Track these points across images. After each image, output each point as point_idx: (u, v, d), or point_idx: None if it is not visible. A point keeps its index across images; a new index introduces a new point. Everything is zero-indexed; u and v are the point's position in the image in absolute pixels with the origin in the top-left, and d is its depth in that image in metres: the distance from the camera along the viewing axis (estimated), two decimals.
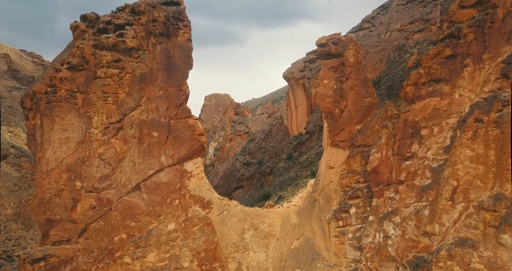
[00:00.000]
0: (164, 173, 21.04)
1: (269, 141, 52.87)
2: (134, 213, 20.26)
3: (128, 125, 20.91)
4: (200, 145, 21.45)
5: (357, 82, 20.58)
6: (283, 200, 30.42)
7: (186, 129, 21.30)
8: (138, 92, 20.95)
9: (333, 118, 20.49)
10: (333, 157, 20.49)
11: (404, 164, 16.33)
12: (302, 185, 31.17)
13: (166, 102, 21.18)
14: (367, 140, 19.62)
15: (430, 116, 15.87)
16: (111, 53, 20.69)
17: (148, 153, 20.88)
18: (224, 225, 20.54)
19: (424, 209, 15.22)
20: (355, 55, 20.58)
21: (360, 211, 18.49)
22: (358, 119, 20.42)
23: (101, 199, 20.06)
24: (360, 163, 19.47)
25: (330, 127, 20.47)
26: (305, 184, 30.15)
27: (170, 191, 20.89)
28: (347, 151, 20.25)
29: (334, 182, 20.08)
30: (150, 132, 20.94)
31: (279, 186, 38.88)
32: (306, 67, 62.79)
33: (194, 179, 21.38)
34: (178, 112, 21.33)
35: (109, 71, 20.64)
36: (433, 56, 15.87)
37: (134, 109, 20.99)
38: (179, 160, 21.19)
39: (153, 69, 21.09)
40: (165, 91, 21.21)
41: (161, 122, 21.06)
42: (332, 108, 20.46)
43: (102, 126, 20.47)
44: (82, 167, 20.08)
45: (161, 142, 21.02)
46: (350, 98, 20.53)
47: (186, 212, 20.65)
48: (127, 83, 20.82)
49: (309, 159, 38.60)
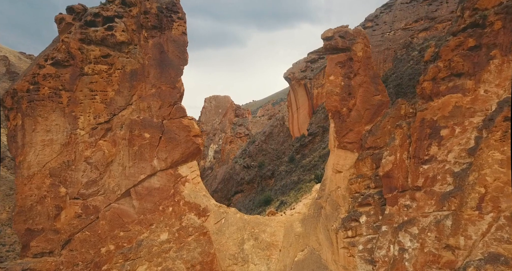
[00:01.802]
0: (156, 178, 19.39)
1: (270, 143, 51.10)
2: (124, 222, 18.57)
3: (117, 126, 19.26)
4: (195, 147, 19.80)
5: (366, 79, 18.93)
6: (285, 205, 28.70)
7: (180, 130, 19.66)
8: (128, 90, 19.33)
9: (341, 117, 18.82)
10: (341, 160, 18.81)
11: (422, 168, 14.64)
12: (305, 189, 29.47)
13: (159, 100, 19.55)
14: (378, 141, 17.96)
15: (451, 115, 14.19)
16: (99, 48, 19.10)
17: (139, 156, 19.23)
18: (221, 234, 18.83)
19: (446, 219, 13.52)
20: (364, 49, 18.94)
21: (371, 219, 16.78)
22: (368, 119, 18.76)
23: (87, 206, 18.38)
24: (370, 166, 17.79)
25: (337, 127, 18.80)
26: (308, 188, 28.45)
27: (163, 198, 19.21)
28: (355, 154, 18.58)
29: (342, 188, 18.40)
30: (142, 133, 19.30)
31: (281, 190, 37.19)
32: (308, 67, 61.23)
33: (189, 184, 19.71)
34: (172, 111, 19.69)
35: (97, 67, 19.03)
36: (454, 47, 14.22)
37: (124, 109, 19.37)
38: (173, 164, 19.53)
39: (145, 65, 19.48)
40: (158, 89, 19.58)
41: (153, 123, 19.43)
42: (340, 107, 18.80)
43: (89, 127, 18.83)
44: (67, 172, 18.42)
45: (153, 143, 19.38)
46: (359, 96, 18.88)
47: (180, 221, 18.96)
48: (117, 80, 19.20)
49: (312, 161, 36.90)
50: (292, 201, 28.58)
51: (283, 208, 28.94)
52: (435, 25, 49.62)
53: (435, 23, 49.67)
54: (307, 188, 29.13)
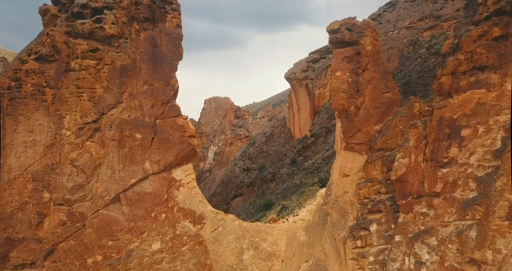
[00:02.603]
0: (148, 182, 17.93)
1: (270, 145, 49.65)
2: (112, 230, 17.09)
3: (106, 125, 17.83)
4: (191, 148, 18.35)
5: (375, 75, 17.51)
6: (287, 210, 27.21)
7: (174, 130, 18.21)
8: (118, 87, 17.90)
9: (348, 116, 17.37)
10: (348, 162, 17.35)
11: (440, 171, 13.16)
12: (308, 193, 28.00)
13: (152, 98, 18.12)
14: (389, 142, 16.52)
15: (474, 113, 12.73)
16: (87, 41, 17.70)
17: (130, 158, 17.78)
18: (219, 244, 17.34)
19: (469, 230, 12.03)
20: (373, 43, 17.53)
21: (382, 228, 15.30)
22: (377, 118, 17.32)
23: (73, 213, 16.91)
24: (380, 169, 16.34)
25: (345, 127, 17.35)
26: (311, 192, 26.98)
27: (156, 203, 17.74)
28: (364, 156, 17.13)
29: (350, 193, 16.93)
30: (133, 133, 17.86)
31: (282, 194, 35.73)
32: (309, 68, 59.86)
33: (183, 188, 18.24)
34: (166, 110, 18.26)
35: (84, 62, 17.62)
36: (476, 38, 12.78)
37: (114, 107, 17.93)
38: (167, 167, 18.08)
39: (136, 60, 18.06)
40: (150, 85, 18.16)
41: (145, 122, 17.99)
42: (347, 105, 17.36)
43: (75, 127, 17.39)
44: (51, 175, 16.97)
45: (145, 145, 17.94)
46: (368, 93, 17.45)
47: (174, 229, 17.48)
48: (106, 76, 17.79)
49: (315, 164, 35.42)
50: (294, 205, 27.14)
51: (284, 213, 27.48)
52: (440, 23, 48.26)
53: (440, 21, 48.32)
54: (310, 192, 27.68)
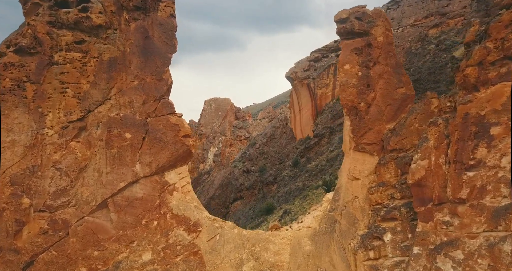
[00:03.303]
0: (139, 186, 16.40)
1: (272, 146, 47.96)
2: (99, 239, 15.54)
3: (93, 124, 16.32)
4: (185, 149, 16.82)
5: (387, 69, 15.98)
6: (289, 214, 25.64)
7: (167, 129, 16.68)
8: (106, 82, 16.39)
9: (358, 114, 15.84)
10: (358, 164, 15.80)
11: (466, 175, 11.61)
12: (312, 197, 26.42)
13: (143, 94, 16.61)
14: (403, 142, 14.97)
15: (505, 109, 11.20)
16: (72, 32, 16.21)
17: (118, 160, 16.26)
18: (216, 254, 15.77)
19: (502, 243, 10.49)
20: (385, 33, 16.01)
21: (398, 238, 13.73)
22: (390, 116, 15.78)
23: (55, 220, 15.37)
24: (394, 172, 14.79)
25: (354, 126, 15.81)
26: (315, 196, 25.40)
27: (147, 209, 16.20)
28: (376, 157, 15.58)
29: (360, 198, 15.37)
30: (122, 133, 16.35)
31: (284, 198, 34.13)
32: (311, 67, 58.36)
33: (177, 193, 16.70)
34: (158, 107, 16.74)
35: (69, 55, 16.13)
36: (508, 23, 11.24)
37: (101, 104, 16.43)
38: (159, 169, 16.55)
39: (126, 53, 16.56)
40: (141, 80, 16.64)
41: (135, 121, 16.48)
42: (357, 101, 15.83)
43: (58, 126, 15.88)
44: (32, 179, 15.44)
45: (135, 145, 16.41)
46: (379, 88, 15.92)
47: (167, 237, 15.92)
48: (92, 70, 16.29)
49: (318, 166, 33.83)
50: (298, 210, 25.60)
51: (287, 218, 25.94)
52: (446, 21, 46.75)
53: (447, 18, 46.81)
54: (315, 195, 26.12)
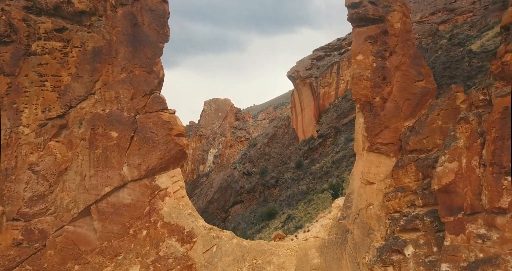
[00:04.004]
0: (127, 191, 14.67)
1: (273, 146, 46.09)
2: (80, 251, 13.78)
3: (75, 122, 14.60)
4: (178, 149, 15.07)
5: (405, 60, 14.25)
6: (293, 220, 23.89)
7: (159, 127, 14.95)
8: (90, 74, 14.68)
9: (372, 110, 14.09)
10: (373, 167, 14.05)
11: (506, 180, 9.86)
12: (317, 202, 24.65)
13: (131, 88, 14.88)
14: (424, 142, 13.24)
15: None
16: (51, 19, 14.52)
17: (103, 162, 14.53)
18: (213, 268, 14.00)
19: None
20: (403, 20, 14.29)
21: (421, 252, 11.95)
22: (408, 113, 14.05)
23: (30, 230, 13.63)
24: (415, 176, 13.05)
25: (368, 123, 14.07)
26: (321, 200, 23.63)
27: (135, 217, 14.45)
28: (393, 159, 13.85)
29: (375, 205, 13.62)
30: (107, 131, 14.63)
31: (287, 202, 32.32)
32: (314, 65, 56.67)
33: (170, 199, 14.95)
34: (148, 103, 15.01)
35: (48, 44, 14.43)
36: None
37: (85, 99, 14.71)
38: (149, 172, 14.81)
39: (112, 42, 14.84)
40: (129, 73, 14.93)
41: (123, 118, 14.76)
42: (371, 96, 14.09)
43: (36, 124, 14.15)
44: (5, 184, 13.73)
45: (123, 145, 14.69)
46: (396, 82, 14.18)
47: (157, 249, 14.15)
48: (74, 61, 14.58)
49: (323, 168, 32.03)
50: (302, 215, 23.88)
51: (290, 224, 24.20)
52: (454, 17, 45.05)
53: (455, 15, 45.12)
54: (320, 200, 24.38)
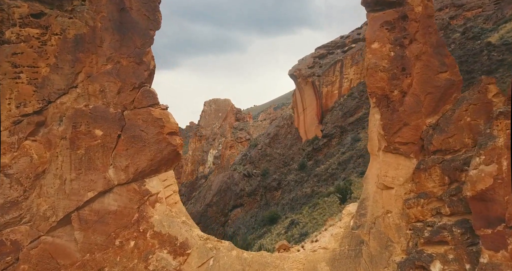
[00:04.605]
0: (112, 196, 13.04)
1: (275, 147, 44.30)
2: (58, 266, 12.15)
3: (54, 118, 12.99)
4: (171, 149, 13.45)
5: (426, 48, 12.64)
6: (297, 226, 22.24)
7: (149, 124, 13.33)
8: (71, 65, 13.07)
9: (390, 105, 12.47)
10: (390, 169, 12.41)
11: None
12: (323, 206, 22.98)
13: (118, 81, 13.27)
14: (451, 141, 11.62)
15: None
16: (28, 3, 12.90)
17: (86, 164, 12.92)
18: None
19: None
20: (424, 3, 12.67)
21: (451, 269, 10.31)
22: (430, 108, 12.43)
23: (2, 242, 12.00)
24: (440, 180, 11.43)
25: (386, 120, 12.44)
26: (327, 205, 21.96)
27: (122, 226, 12.83)
28: (413, 160, 12.23)
29: (394, 213, 11.98)
30: (91, 130, 13.02)
31: (290, 206, 30.61)
32: (316, 64, 55.03)
33: (161, 205, 13.31)
34: (137, 97, 13.39)
35: (24, 31, 12.81)
36: None
37: (65, 93, 13.11)
38: (138, 175, 13.20)
39: (96, 29, 13.23)
40: (116, 64, 13.32)
41: (108, 114, 13.14)
42: (388, 89, 12.47)
43: (9, 121, 12.54)
44: None
45: (108, 145, 13.08)
46: (416, 73, 12.57)
47: (146, 263, 12.52)
48: (54, 51, 12.97)
49: (329, 170, 30.34)
50: (307, 220, 22.23)
51: (294, 230, 22.56)
52: (463, 13, 43.42)
53: (463, 11, 43.49)
54: (326, 204, 22.72)
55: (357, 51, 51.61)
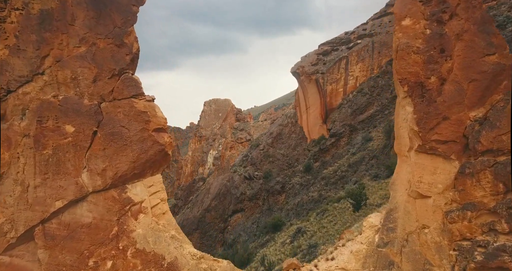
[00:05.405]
0: (86, 206, 10.78)
1: (278, 147, 41.84)
2: None
3: (15, 112, 10.77)
4: (158, 149, 11.16)
5: (468, 26, 10.35)
6: (304, 235, 19.92)
7: (131, 119, 11.06)
8: (36, 47, 10.83)
9: (426, 95, 10.17)
10: (426, 174, 10.12)
11: None
12: (333, 213, 20.65)
13: (93, 67, 11.01)
14: (504, 139, 9.37)
15: None
16: None
17: (54, 167, 10.68)
18: None
19: None
20: None
21: None
22: (475, 99, 10.12)
23: None
24: (491, 187, 9.15)
25: (420, 113, 10.14)
26: (338, 212, 19.62)
27: (97, 243, 10.55)
28: (455, 162, 9.92)
29: (433, 228, 9.68)
30: (60, 125, 10.79)
31: (295, 211, 28.24)
32: (320, 61, 52.76)
33: (146, 217, 11.02)
34: (117, 87, 11.11)
35: None
36: None
37: (29, 81, 10.90)
38: (118, 180, 10.92)
39: (67, 4, 10.99)
40: (91, 46, 11.05)
41: (82, 107, 10.89)
42: (424, 75, 10.18)
43: None
44: None
45: (81, 144, 10.82)
46: (457, 56, 10.26)
47: None
48: (14, 29, 10.75)
49: (338, 172, 27.98)
50: (315, 229, 19.92)
51: (301, 239, 20.24)
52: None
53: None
54: (337, 211, 20.39)
55: (363, 47, 49.40)
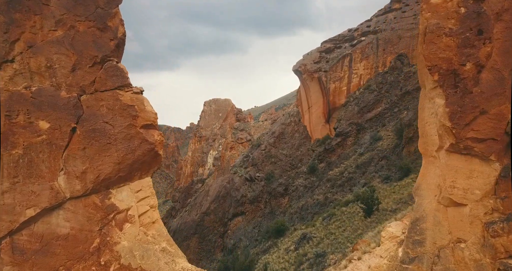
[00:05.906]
0: (63, 215, 9.34)
1: (281, 147, 40.34)
2: None
3: None
4: (147, 149, 9.70)
5: (509, 3, 8.90)
6: (310, 242, 18.46)
7: (116, 114, 9.60)
8: (4, 30, 9.41)
9: (460, 85, 8.68)
10: (460, 178, 8.63)
11: None
12: (340, 217, 19.16)
13: (72, 54, 9.56)
14: None
15: None
16: None
17: (25, 169, 9.24)
18: None
19: None
20: None
21: None
22: None
23: None
24: None
25: (454, 106, 8.65)
26: (347, 217, 18.12)
27: (75, 257, 9.09)
28: (495, 164, 8.45)
29: (471, 242, 8.19)
30: (33, 121, 9.34)
31: (299, 215, 26.70)
32: (322, 58, 51.24)
33: (132, 227, 9.56)
34: (100, 76, 9.66)
35: None
36: None
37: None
38: (100, 184, 9.47)
39: None
40: (69, 29, 9.60)
41: (59, 99, 9.44)
42: (457, 62, 8.69)
43: None
44: None
45: (57, 143, 9.37)
46: (496, 39, 8.79)
47: None
48: None
49: (344, 173, 26.44)
50: (322, 235, 18.47)
51: (307, 246, 18.78)
52: None
53: None
54: (345, 216, 18.89)
55: (367, 45, 48.03)
